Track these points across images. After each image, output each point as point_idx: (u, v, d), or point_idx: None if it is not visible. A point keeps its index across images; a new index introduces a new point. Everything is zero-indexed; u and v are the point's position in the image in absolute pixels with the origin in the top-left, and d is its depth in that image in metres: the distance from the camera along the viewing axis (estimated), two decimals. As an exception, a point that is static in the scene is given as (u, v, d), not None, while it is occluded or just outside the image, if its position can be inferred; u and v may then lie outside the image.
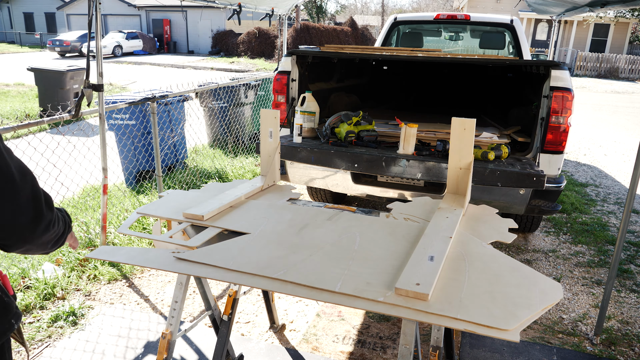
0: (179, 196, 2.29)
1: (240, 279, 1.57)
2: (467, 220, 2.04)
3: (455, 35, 6.69)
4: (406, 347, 1.53)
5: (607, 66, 23.59)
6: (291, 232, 1.91)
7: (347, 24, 30.84)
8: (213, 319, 2.30)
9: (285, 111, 3.53)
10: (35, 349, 2.61)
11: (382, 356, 2.61)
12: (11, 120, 8.75)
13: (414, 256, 1.64)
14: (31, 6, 35.39)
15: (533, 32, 26.29)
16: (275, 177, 2.61)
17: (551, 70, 2.91)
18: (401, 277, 1.49)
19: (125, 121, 5.02)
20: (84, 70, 8.95)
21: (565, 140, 2.95)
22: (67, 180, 4.39)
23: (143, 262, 1.71)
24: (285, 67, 3.49)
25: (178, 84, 5.48)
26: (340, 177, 3.35)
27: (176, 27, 30.98)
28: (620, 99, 15.76)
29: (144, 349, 2.62)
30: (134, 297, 3.18)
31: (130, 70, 19.33)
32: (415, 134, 2.93)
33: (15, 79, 14.72)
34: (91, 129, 8.05)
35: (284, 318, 2.97)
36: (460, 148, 2.28)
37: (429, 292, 1.41)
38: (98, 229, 3.81)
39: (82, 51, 26.02)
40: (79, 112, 3.41)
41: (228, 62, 23.91)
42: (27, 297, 3.01)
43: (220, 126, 6.57)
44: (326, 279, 1.54)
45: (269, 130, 2.47)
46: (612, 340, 2.81)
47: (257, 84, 6.90)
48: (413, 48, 4.00)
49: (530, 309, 1.38)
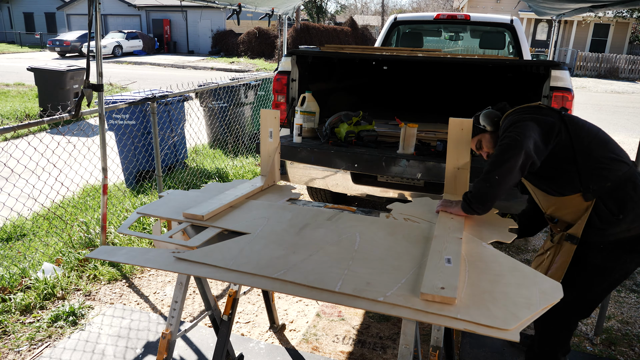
0: (179, 196, 2.29)
1: (240, 279, 1.57)
2: (467, 220, 2.04)
3: (455, 35, 6.69)
4: (406, 347, 1.53)
5: (607, 66, 23.59)
6: (291, 232, 1.91)
7: (347, 24, 30.84)
8: (213, 319, 2.30)
9: (285, 111, 3.53)
10: (35, 349, 2.61)
11: (382, 356, 2.61)
12: (11, 120, 8.75)
13: (431, 259, 1.62)
14: (31, 6, 35.38)
15: (533, 32, 26.29)
16: (275, 177, 2.61)
17: (551, 70, 2.92)
18: (424, 281, 1.47)
19: (125, 121, 5.01)
20: (84, 70, 8.95)
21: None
22: (67, 180, 4.39)
23: (143, 262, 1.71)
24: (285, 67, 3.49)
25: (178, 84, 5.48)
26: (340, 177, 3.35)
27: (176, 27, 30.97)
28: (620, 99, 15.76)
29: (144, 349, 2.62)
30: (134, 297, 3.18)
31: (130, 70, 19.32)
32: (415, 134, 2.93)
33: (15, 79, 14.72)
34: (91, 129, 8.05)
35: (284, 318, 2.97)
36: (458, 148, 2.28)
37: (455, 295, 1.39)
38: (98, 229, 3.81)
39: (82, 51, 26.01)
40: (79, 112, 3.41)
41: (228, 62, 23.90)
42: (27, 297, 3.01)
43: (220, 126, 6.57)
44: (326, 278, 1.54)
45: (269, 130, 2.47)
46: (612, 340, 2.81)
47: (257, 84, 6.90)
48: (413, 48, 4.00)
49: (530, 308, 1.38)
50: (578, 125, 1.98)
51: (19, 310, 2.92)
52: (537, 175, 2.01)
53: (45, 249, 3.66)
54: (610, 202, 1.88)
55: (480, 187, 1.91)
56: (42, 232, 4.04)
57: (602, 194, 1.88)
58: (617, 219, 1.87)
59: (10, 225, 4.12)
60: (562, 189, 1.96)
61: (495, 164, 1.87)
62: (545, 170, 1.97)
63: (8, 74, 16.22)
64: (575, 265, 1.98)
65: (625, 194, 1.88)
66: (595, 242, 1.93)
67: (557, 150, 1.92)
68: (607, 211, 1.88)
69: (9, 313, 2.88)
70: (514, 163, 1.82)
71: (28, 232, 4.09)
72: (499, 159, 1.87)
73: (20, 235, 4.07)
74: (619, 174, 1.89)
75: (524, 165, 1.84)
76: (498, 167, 1.86)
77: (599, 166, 1.90)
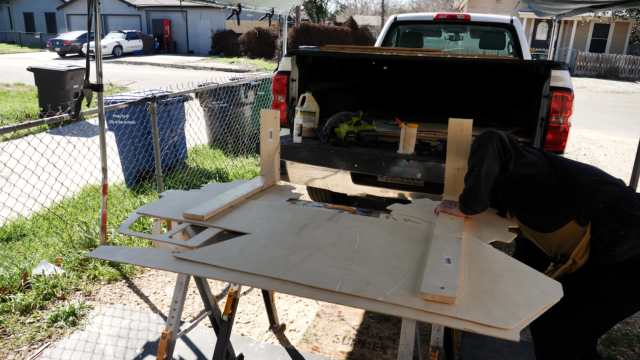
0: (179, 196, 2.29)
1: (240, 279, 1.57)
2: (467, 221, 2.04)
3: (455, 35, 6.69)
4: (406, 347, 1.53)
5: (607, 66, 23.59)
6: (291, 232, 1.91)
7: (347, 24, 30.84)
8: (213, 319, 2.30)
9: (285, 111, 3.53)
10: (35, 349, 2.61)
11: (382, 356, 2.61)
12: (11, 120, 8.76)
13: (431, 259, 1.62)
14: (31, 6, 35.37)
15: (533, 32, 26.29)
16: (275, 177, 2.61)
17: (551, 70, 2.91)
18: (424, 280, 1.47)
19: (125, 121, 5.01)
20: (83, 70, 8.93)
21: (565, 140, 2.95)
22: (67, 180, 4.39)
23: (143, 262, 1.71)
24: (285, 67, 3.49)
25: (178, 84, 5.48)
26: (340, 177, 3.34)
27: (176, 27, 30.97)
28: (620, 99, 15.77)
29: (143, 349, 2.62)
30: (134, 297, 3.17)
31: (130, 70, 19.33)
32: (415, 134, 2.93)
33: (15, 79, 14.72)
34: (91, 129, 8.05)
35: (284, 318, 2.97)
36: (458, 148, 2.28)
37: (455, 295, 1.39)
38: (98, 229, 3.81)
39: (82, 51, 26.01)
40: (79, 112, 3.41)
41: (228, 62, 23.91)
42: (27, 297, 3.01)
43: (220, 126, 6.57)
44: (326, 278, 1.54)
45: (269, 130, 2.47)
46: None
47: (257, 84, 6.90)
48: (413, 48, 4.00)
49: (530, 308, 1.38)
50: (559, 158, 2.02)
51: (19, 310, 2.92)
52: (529, 210, 1.99)
53: (45, 249, 3.66)
54: (607, 221, 1.83)
55: (466, 184, 1.98)
56: (42, 232, 4.04)
57: (597, 215, 1.84)
58: (619, 235, 1.81)
59: (10, 225, 4.12)
60: (555, 220, 1.92)
61: (472, 156, 1.96)
62: (535, 203, 1.97)
63: (8, 74, 16.22)
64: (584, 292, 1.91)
65: (621, 211, 1.84)
66: (605, 267, 1.85)
67: (543, 178, 1.94)
68: (607, 231, 1.83)
69: (9, 313, 2.88)
70: (489, 148, 1.88)
71: (28, 232, 4.09)
72: (474, 151, 1.95)
73: (20, 235, 4.07)
74: (610, 195, 1.86)
75: (499, 150, 1.89)
76: (474, 157, 1.94)
77: (587, 189, 1.88)
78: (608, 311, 1.90)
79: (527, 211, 2.01)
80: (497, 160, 1.90)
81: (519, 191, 2.01)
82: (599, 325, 1.97)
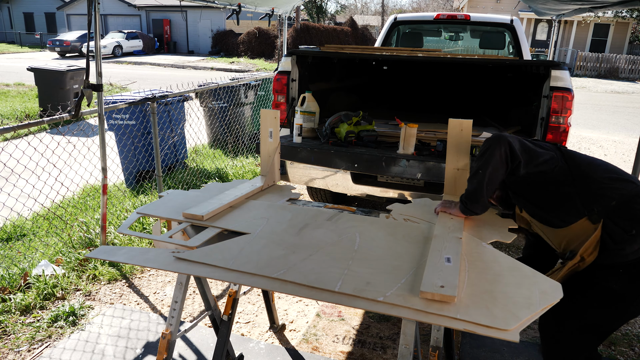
0: (179, 196, 2.29)
1: (240, 279, 1.57)
2: (467, 221, 2.04)
3: (455, 35, 6.69)
4: (406, 347, 1.53)
5: (607, 66, 23.59)
6: (291, 232, 1.91)
7: (347, 24, 30.84)
8: (213, 319, 2.30)
9: (285, 111, 3.53)
10: (35, 349, 2.61)
11: (382, 356, 2.61)
12: (11, 120, 8.75)
13: (431, 258, 1.62)
14: (31, 6, 35.37)
15: (533, 32, 26.29)
16: (275, 177, 2.61)
17: (551, 70, 2.91)
18: (423, 279, 1.47)
19: (125, 121, 5.01)
20: (83, 70, 8.93)
21: (565, 140, 2.95)
22: (67, 180, 4.39)
23: (143, 262, 1.71)
24: (285, 67, 3.49)
25: (178, 84, 5.48)
26: (340, 177, 3.35)
27: (176, 27, 30.98)
28: (620, 99, 15.77)
29: (143, 349, 2.62)
30: (134, 297, 3.18)
31: (130, 70, 19.33)
32: (415, 134, 2.93)
33: (15, 79, 14.72)
34: (91, 129, 8.05)
35: (284, 318, 2.97)
36: (458, 148, 2.28)
37: (455, 293, 1.39)
38: (98, 229, 3.81)
39: (82, 51, 26.01)
40: (79, 112, 3.41)
41: (228, 62, 23.90)
42: (27, 297, 3.01)
43: (220, 126, 6.57)
44: (326, 278, 1.54)
45: (269, 130, 2.47)
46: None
47: (257, 84, 6.90)
48: (413, 48, 4.00)
49: (530, 308, 1.38)
50: (574, 153, 1.98)
51: (19, 310, 2.92)
52: (540, 206, 1.97)
53: (45, 249, 3.66)
54: (620, 220, 1.80)
55: (469, 185, 1.96)
56: (42, 232, 4.04)
57: (609, 213, 1.81)
58: (631, 235, 1.78)
59: (10, 225, 4.12)
60: (566, 216, 1.90)
61: (479, 159, 1.93)
62: (546, 199, 1.94)
63: (8, 74, 16.22)
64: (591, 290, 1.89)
65: (635, 210, 1.80)
66: (614, 265, 1.82)
67: (556, 174, 1.90)
68: (619, 229, 1.79)
69: (9, 313, 2.88)
70: (496, 153, 1.84)
71: (28, 232, 4.09)
72: (481, 153, 1.91)
73: (20, 235, 4.07)
74: (623, 192, 1.82)
75: (506, 155, 1.85)
76: (480, 159, 1.90)
77: (600, 187, 1.85)
78: (615, 311, 1.88)
79: (538, 207, 1.98)
80: (503, 166, 1.86)
81: (530, 187, 1.98)
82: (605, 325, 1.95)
